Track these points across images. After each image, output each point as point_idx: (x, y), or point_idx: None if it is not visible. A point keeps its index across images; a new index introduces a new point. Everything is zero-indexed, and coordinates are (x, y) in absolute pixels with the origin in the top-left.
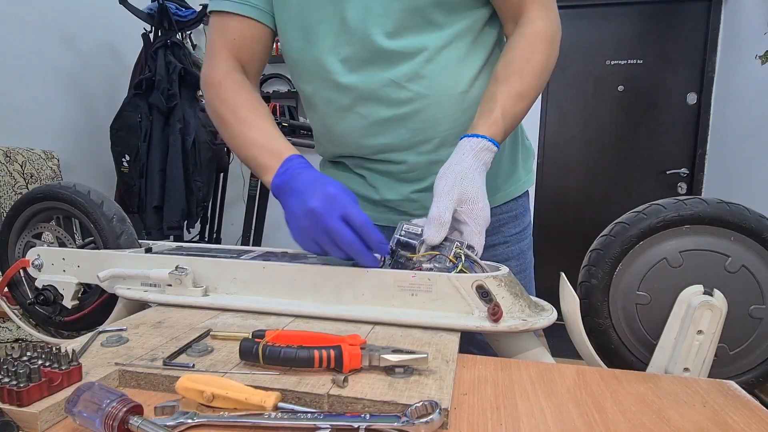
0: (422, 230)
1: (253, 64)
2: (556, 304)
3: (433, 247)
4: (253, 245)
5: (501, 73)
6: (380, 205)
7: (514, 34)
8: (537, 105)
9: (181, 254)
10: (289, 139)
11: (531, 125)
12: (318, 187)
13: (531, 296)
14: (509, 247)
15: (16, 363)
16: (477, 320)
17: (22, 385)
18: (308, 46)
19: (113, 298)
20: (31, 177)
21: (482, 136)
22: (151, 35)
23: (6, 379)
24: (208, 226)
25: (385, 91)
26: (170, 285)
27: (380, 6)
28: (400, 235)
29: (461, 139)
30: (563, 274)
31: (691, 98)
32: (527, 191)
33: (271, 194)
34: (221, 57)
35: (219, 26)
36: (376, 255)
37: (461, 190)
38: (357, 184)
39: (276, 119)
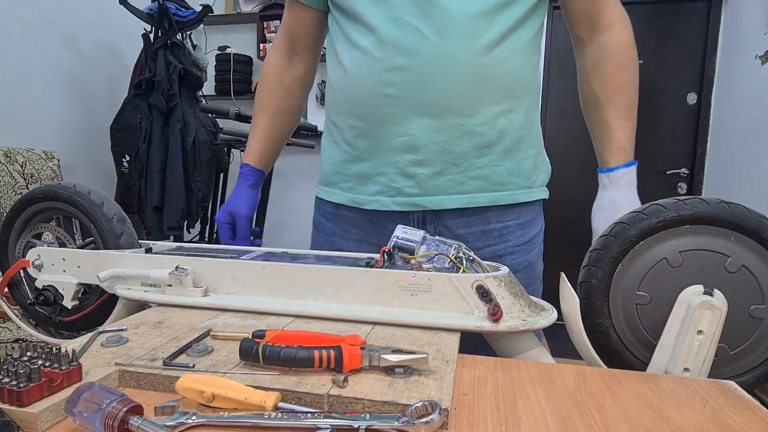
0: (420, 234)
1: (306, 43)
2: (556, 304)
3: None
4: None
5: (603, 95)
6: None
7: (594, 43)
8: None
9: (181, 254)
10: (289, 140)
11: None
12: (230, 196)
13: (531, 296)
14: (516, 259)
15: (16, 363)
16: (477, 320)
17: (22, 385)
18: None
19: (113, 299)
20: (32, 177)
21: (615, 169)
22: (151, 35)
23: (6, 379)
24: (208, 226)
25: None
26: (170, 285)
27: None
28: (398, 238)
29: (600, 173)
30: (563, 274)
31: (692, 98)
32: (540, 202)
33: (271, 195)
34: (276, 43)
35: (286, 9)
36: (373, 256)
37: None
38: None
39: None
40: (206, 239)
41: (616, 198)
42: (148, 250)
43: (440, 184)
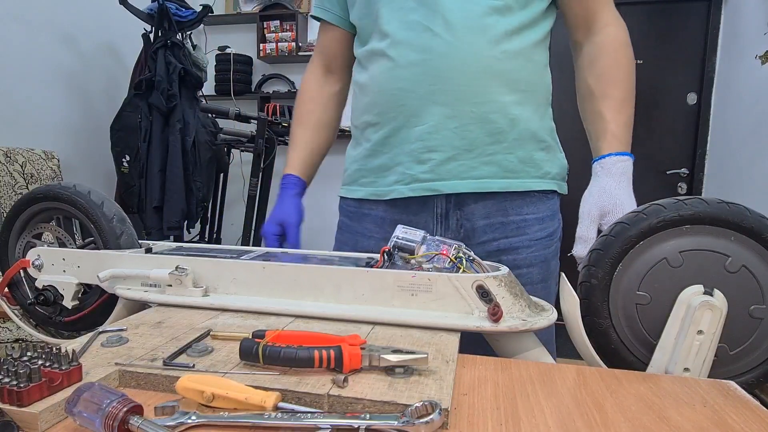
0: (420, 234)
1: (341, 62)
2: (557, 303)
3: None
4: (253, 245)
5: (597, 88)
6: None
7: (590, 43)
8: None
9: (181, 254)
10: (287, 139)
11: None
12: (274, 207)
13: (531, 297)
14: (533, 252)
15: (16, 363)
16: (477, 320)
17: (22, 385)
18: None
19: (113, 299)
20: (32, 177)
21: (608, 155)
22: (151, 35)
23: (6, 379)
24: (208, 227)
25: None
26: (170, 285)
27: None
28: (398, 238)
29: (593, 163)
30: (563, 274)
31: (692, 98)
32: (557, 194)
33: (271, 195)
34: (312, 64)
35: (319, 33)
36: (373, 255)
37: (600, 207)
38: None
39: (276, 119)
40: (206, 239)
41: (607, 185)
42: (148, 250)
43: (453, 169)
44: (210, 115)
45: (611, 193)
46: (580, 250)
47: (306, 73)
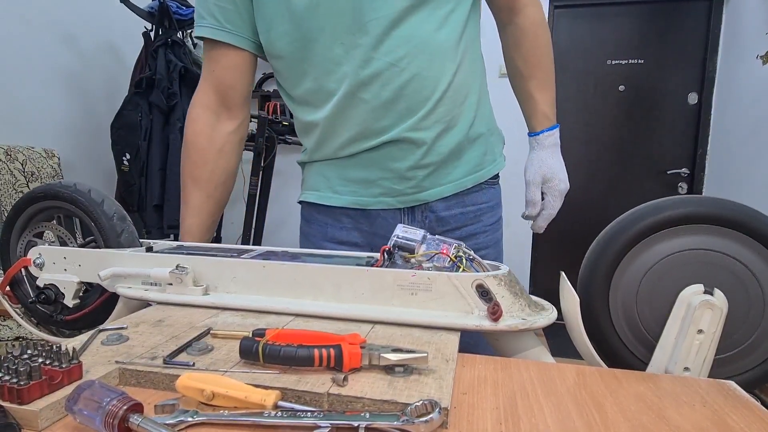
0: (420, 233)
1: (239, 93)
2: (556, 303)
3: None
4: (253, 244)
5: (524, 70)
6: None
7: (513, 24)
8: None
9: (182, 253)
10: (287, 138)
11: None
12: None
13: (531, 296)
14: (488, 236)
15: (16, 361)
16: (477, 319)
17: (22, 383)
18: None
19: (114, 297)
20: (32, 175)
21: (540, 132)
22: (152, 34)
23: (7, 377)
24: None
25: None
26: (171, 284)
27: None
28: (398, 237)
29: (529, 137)
30: (563, 274)
31: (692, 98)
32: (499, 184)
33: (270, 195)
34: (200, 95)
35: (208, 57)
36: (373, 255)
37: (542, 175)
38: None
39: (276, 118)
40: None
41: (543, 156)
42: (149, 249)
43: (434, 179)
44: None
45: (547, 163)
46: (531, 210)
47: (193, 107)
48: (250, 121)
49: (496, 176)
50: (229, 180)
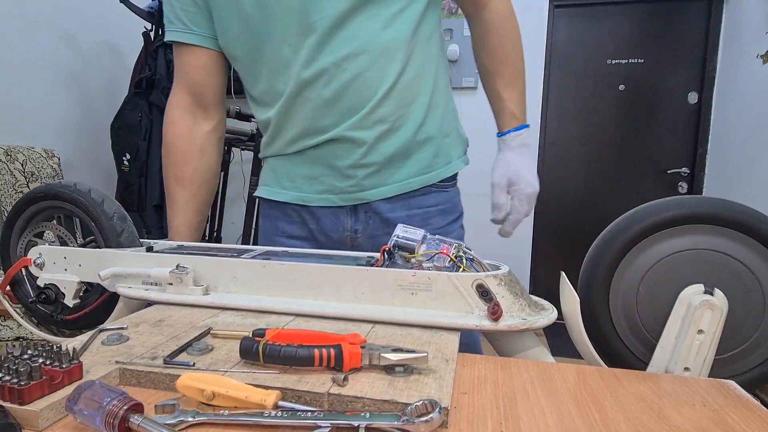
0: (420, 233)
1: (213, 92)
2: (556, 303)
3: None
4: (253, 244)
5: (491, 67)
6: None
7: (479, 19)
8: (537, 105)
9: (182, 253)
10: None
11: (531, 124)
12: None
13: (531, 296)
14: None
15: (17, 361)
16: (477, 319)
17: (23, 383)
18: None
19: (114, 297)
20: (32, 175)
21: (507, 132)
22: (152, 34)
23: (7, 377)
24: (208, 225)
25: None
26: (171, 284)
27: None
28: (398, 237)
29: (497, 137)
30: (563, 274)
31: (692, 97)
32: (457, 186)
33: None
34: (176, 96)
35: (176, 57)
36: (373, 255)
37: (507, 177)
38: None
39: None
40: (206, 238)
41: (510, 157)
42: (149, 249)
43: (377, 179)
44: None
45: (514, 165)
46: (497, 214)
47: (169, 110)
48: (250, 120)
49: (452, 178)
50: (212, 179)
